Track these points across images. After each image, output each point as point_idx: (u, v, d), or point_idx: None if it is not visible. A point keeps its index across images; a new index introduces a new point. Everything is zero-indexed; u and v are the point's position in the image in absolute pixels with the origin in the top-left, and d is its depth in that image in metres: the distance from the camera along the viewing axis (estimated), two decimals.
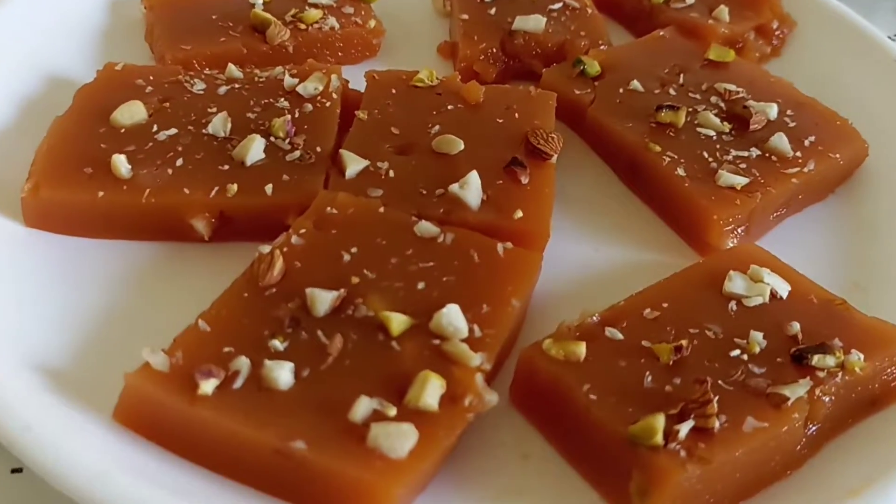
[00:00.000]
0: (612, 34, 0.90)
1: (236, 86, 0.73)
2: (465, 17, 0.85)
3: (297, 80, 0.73)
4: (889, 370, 0.58)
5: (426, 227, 0.62)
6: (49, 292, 0.61)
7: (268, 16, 0.81)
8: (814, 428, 0.55)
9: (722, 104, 0.77)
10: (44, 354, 0.56)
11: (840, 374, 0.56)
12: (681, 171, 0.70)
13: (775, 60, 0.89)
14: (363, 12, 0.85)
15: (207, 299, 0.58)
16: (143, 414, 0.52)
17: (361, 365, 0.54)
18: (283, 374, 0.52)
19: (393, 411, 0.51)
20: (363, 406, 0.51)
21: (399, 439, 0.49)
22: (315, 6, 0.85)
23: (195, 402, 0.50)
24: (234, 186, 0.64)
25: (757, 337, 0.58)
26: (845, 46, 0.88)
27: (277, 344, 0.54)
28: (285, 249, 0.59)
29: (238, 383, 0.52)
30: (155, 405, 0.51)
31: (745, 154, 0.72)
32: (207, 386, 0.50)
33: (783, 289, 0.62)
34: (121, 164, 0.64)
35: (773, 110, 0.76)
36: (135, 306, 0.62)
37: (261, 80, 0.74)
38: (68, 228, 0.65)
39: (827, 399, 0.55)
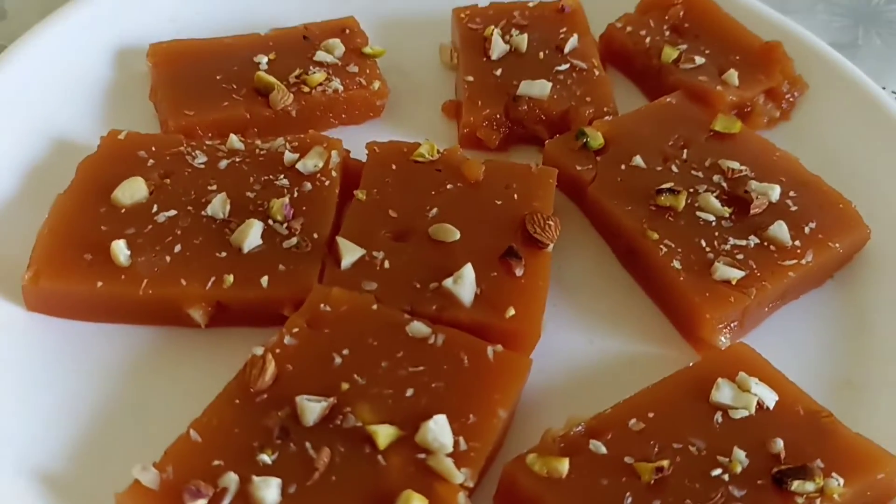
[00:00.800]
0: (622, 91, 0.89)
1: (237, 159, 0.74)
2: (471, 78, 0.85)
3: (297, 156, 0.74)
4: (867, 493, 0.58)
5: (418, 328, 0.62)
6: (48, 384, 0.63)
7: (271, 79, 0.80)
8: None
9: (724, 184, 0.77)
10: (40, 457, 0.58)
11: (818, 500, 0.56)
12: (676, 264, 0.70)
13: (784, 124, 0.88)
14: (368, 70, 0.85)
15: (204, 388, 0.60)
16: None
17: (347, 480, 0.55)
18: (269, 492, 0.53)
19: None
20: None
21: None
22: (320, 64, 0.84)
23: None
24: (231, 278, 0.65)
25: (739, 455, 0.58)
26: (856, 115, 0.86)
27: (266, 458, 0.55)
28: (278, 351, 0.60)
29: (226, 501, 0.53)
30: None
31: (744, 243, 0.72)
32: None
33: (770, 399, 0.62)
34: (120, 251, 0.65)
35: (775, 192, 0.76)
36: (133, 397, 0.63)
37: (262, 152, 0.75)
38: (69, 313, 0.66)
39: None
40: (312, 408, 0.57)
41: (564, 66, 0.86)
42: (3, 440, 0.59)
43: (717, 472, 0.58)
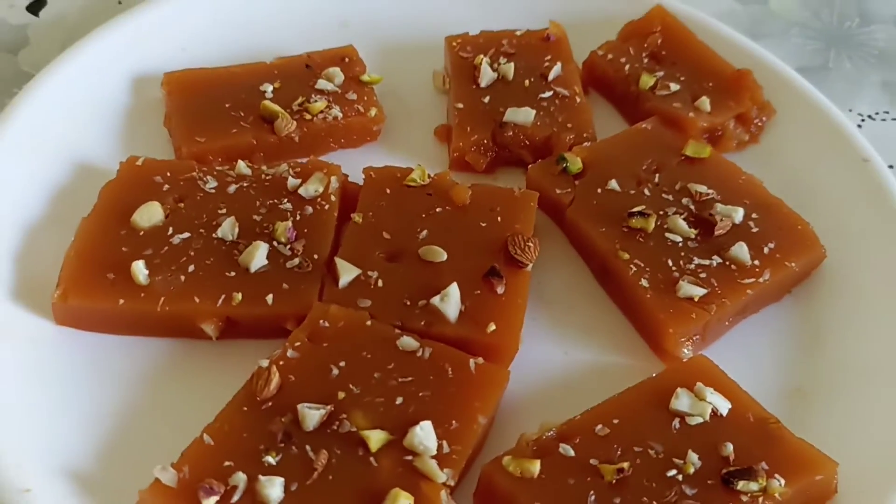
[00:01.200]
0: (604, 115, 0.96)
1: (244, 184, 0.81)
2: (461, 105, 0.91)
3: (299, 181, 0.80)
4: (807, 493, 0.65)
5: (407, 342, 0.69)
6: (76, 392, 0.70)
7: (276, 108, 0.87)
8: None
9: (692, 206, 0.83)
10: (70, 457, 0.66)
11: (761, 498, 0.63)
12: (644, 282, 0.77)
13: (753, 146, 0.95)
14: (365, 98, 0.91)
15: (215, 395, 0.67)
16: None
17: (342, 479, 0.62)
18: (274, 490, 0.61)
19: None
20: None
21: None
22: (321, 92, 0.91)
23: None
24: (239, 295, 0.72)
25: (693, 458, 0.65)
26: (818, 139, 0.92)
27: (271, 459, 0.62)
28: (281, 363, 0.67)
29: (235, 498, 0.60)
30: None
31: (707, 262, 0.79)
32: (209, 502, 0.59)
33: (723, 407, 0.69)
34: (139, 271, 0.72)
35: (738, 214, 0.82)
36: (151, 403, 0.70)
37: (267, 177, 0.81)
38: (94, 327, 0.73)
39: None
40: (312, 415, 0.64)
41: (548, 94, 0.93)
42: (38, 443, 0.66)
43: (672, 472, 0.65)
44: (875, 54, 1.13)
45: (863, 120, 1.05)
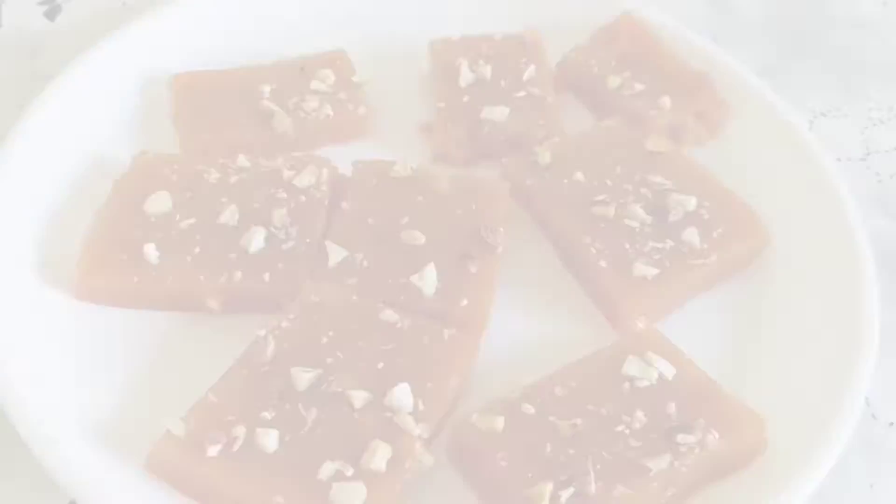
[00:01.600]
0: (575, 113, 1.04)
1: (244, 176, 0.89)
2: (442, 105, 1.00)
3: (294, 173, 0.89)
4: (739, 446, 0.74)
5: (389, 315, 0.78)
6: (96, 361, 0.78)
7: (274, 107, 0.96)
8: (673, 491, 0.71)
9: (650, 195, 0.92)
10: (94, 415, 0.74)
11: (697, 449, 0.72)
12: (603, 263, 0.85)
13: (709, 142, 1.03)
14: (355, 97, 1.00)
15: (219, 361, 0.75)
16: (167, 469, 0.70)
17: (330, 432, 0.71)
18: (270, 440, 0.69)
19: (350, 472, 0.68)
20: (328, 468, 0.68)
21: (352, 495, 0.67)
22: (314, 92, 0.99)
23: (204, 464, 0.68)
24: (239, 274, 0.81)
25: (639, 415, 0.74)
26: (770, 135, 1.00)
27: (267, 415, 0.71)
28: (277, 333, 0.76)
29: (236, 447, 0.69)
30: (175, 464, 0.69)
31: (661, 245, 0.87)
32: (213, 450, 0.68)
33: (669, 372, 0.77)
34: (150, 252, 0.81)
35: (691, 203, 0.91)
36: (163, 368, 0.79)
37: (265, 170, 0.90)
38: (110, 302, 0.82)
39: (684, 469, 0.71)
40: (304, 377, 0.73)
41: (522, 94, 1.01)
42: (65, 401, 0.74)
43: (621, 428, 0.73)
44: (833, 54, 1.21)
45: (815, 117, 1.13)
